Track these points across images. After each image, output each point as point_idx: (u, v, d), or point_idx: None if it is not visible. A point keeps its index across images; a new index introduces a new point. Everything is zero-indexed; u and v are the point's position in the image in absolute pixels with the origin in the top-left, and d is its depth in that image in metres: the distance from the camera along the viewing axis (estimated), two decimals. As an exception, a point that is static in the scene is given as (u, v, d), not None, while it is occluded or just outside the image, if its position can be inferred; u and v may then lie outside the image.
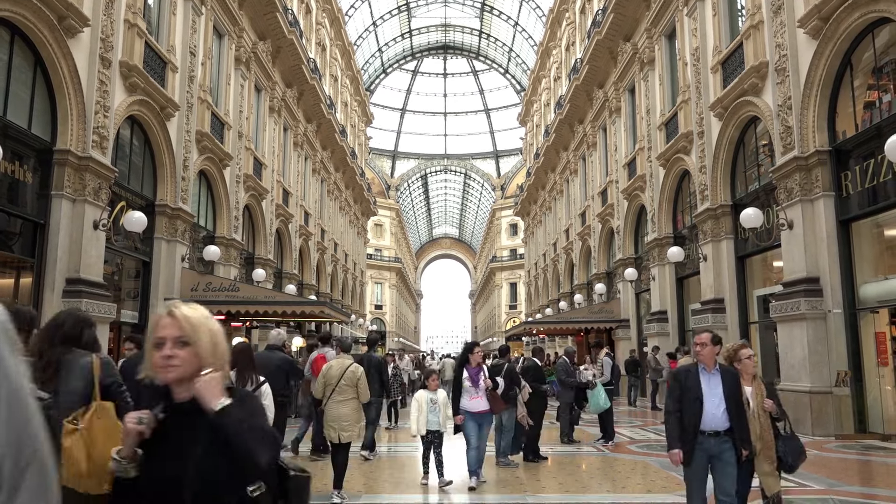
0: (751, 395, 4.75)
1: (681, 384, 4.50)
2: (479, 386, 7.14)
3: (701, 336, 4.67)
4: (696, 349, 4.65)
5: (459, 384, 7.20)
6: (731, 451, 4.37)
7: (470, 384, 7.15)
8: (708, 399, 4.39)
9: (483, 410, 7.20)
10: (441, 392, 7.27)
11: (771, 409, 4.73)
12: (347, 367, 6.62)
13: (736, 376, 4.60)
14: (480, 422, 7.21)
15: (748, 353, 4.91)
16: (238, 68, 19.19)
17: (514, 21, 51.54)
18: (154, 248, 14.44)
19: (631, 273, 20.37)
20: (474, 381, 7.16)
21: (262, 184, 20.79)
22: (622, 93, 22.18)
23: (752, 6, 12.91)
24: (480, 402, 7.17)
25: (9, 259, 10.76)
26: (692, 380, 4.47)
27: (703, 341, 4.60)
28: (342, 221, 37.76)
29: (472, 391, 7.15)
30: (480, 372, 7.24)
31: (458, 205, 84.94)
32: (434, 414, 7.05)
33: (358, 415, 6.66)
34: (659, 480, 7.43)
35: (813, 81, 10.95)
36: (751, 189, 13.96)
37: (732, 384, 4.48)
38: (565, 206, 32.37)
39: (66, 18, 10.68)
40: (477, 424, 7.16)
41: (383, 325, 63.60)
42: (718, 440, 4.36)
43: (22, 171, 10.43)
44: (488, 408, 7.24)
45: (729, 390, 4.42)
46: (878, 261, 10.96)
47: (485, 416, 7.26)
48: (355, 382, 6.54)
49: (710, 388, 4.43)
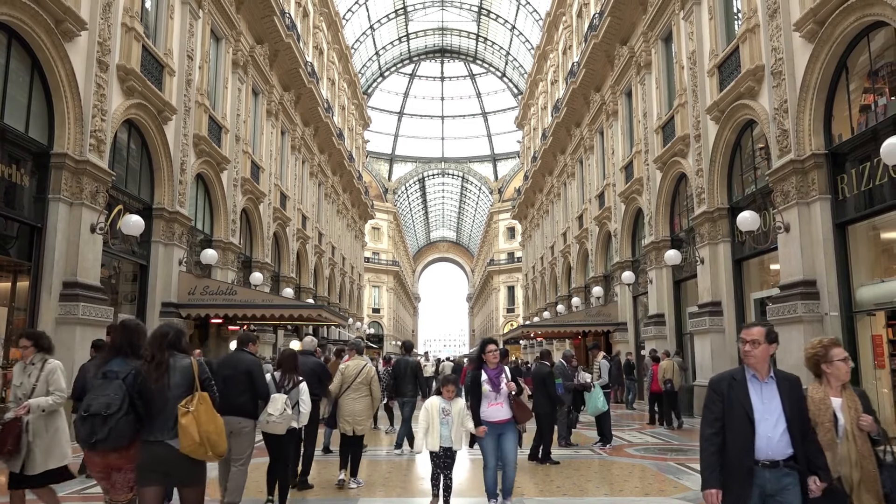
0: (840, 408, 3.56)
1: (722, 398, 3.40)
2: (501, 390, 6.00)
3: (751, 331, 3.48)
4: (744, 349, 3.46)
5: (478, 389, 6.02)
6: (796, 488, 3.27)
7: (490, 388, 6.01)
8: (761, 417, 3.29)
9: (505, 419, 6.02)
10: (459, 401, 6.05)
11: (870, 427, 3.52)
12: (363, 368, 7.37)
13: (798, 384, 3.47)
14: (501, 432, 6.01)
15: (841, 353, 3.69)
16: (235, 72, 19.20)
17: (511, 25, 51.65)
18: (151, 251, 14.43)
19: (628, 276, 20.39)
20: (494, 384, 6.02)
21: (260, 187, 20.79)
22: (619, 96, 22.23)
23: (748, 10, 12.96)
24: (502, 409, 6.02)
25: (6, 262, 10.74)
26: (738, 392, 3.36)
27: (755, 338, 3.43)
28: (340, 225, 37.77)
29: (491, 397, 6.02)
30: (502, 374, 6.09)
31: (455, 208, 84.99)
32: (446, 427, 5.87)
33: (370, 411, 7.33)
34: (656, 483, 7.44)
35: (809, 85, 10.99)
36: (747, 192, 13.99)
37: (795, 395, 3.40)
38: (563, 210, 32.41)
39: (64, 22, 10.68)
40: (496, 438, 5.98)
41: (381, 328, 63.55)
42: (777, 473, 3.25)
43: (19, 174, 10.42)
44: (511, 416, 6.05)
45: (790, 404, 3.34)
46: (874, 263, 10.98)
47: (507, 427, 6.05)
48: (369, 381, 7.31)
49: (763, 401, 3.34)
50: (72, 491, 7.05)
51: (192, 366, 4.01)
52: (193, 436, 3.76)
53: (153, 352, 3.99)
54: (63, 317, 10.72)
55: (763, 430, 3.27)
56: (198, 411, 3.82)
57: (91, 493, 7.01)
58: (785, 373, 3.53)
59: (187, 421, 3.77)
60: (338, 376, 7.41)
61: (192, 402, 3.84)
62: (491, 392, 5.98)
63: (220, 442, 3.93)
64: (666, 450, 10.12)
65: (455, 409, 5.91)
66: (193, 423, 3.77)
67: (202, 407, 3.86)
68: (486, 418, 5.92)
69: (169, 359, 3.97)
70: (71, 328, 10.64)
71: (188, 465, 3.86)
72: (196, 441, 3.77)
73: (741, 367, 3.50)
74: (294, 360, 6.34)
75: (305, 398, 6.16)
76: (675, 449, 10.22)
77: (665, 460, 8.97)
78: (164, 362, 3.94)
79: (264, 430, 5.89)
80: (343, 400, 7.28)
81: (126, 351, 4.06)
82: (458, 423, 5.87)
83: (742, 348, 3.49)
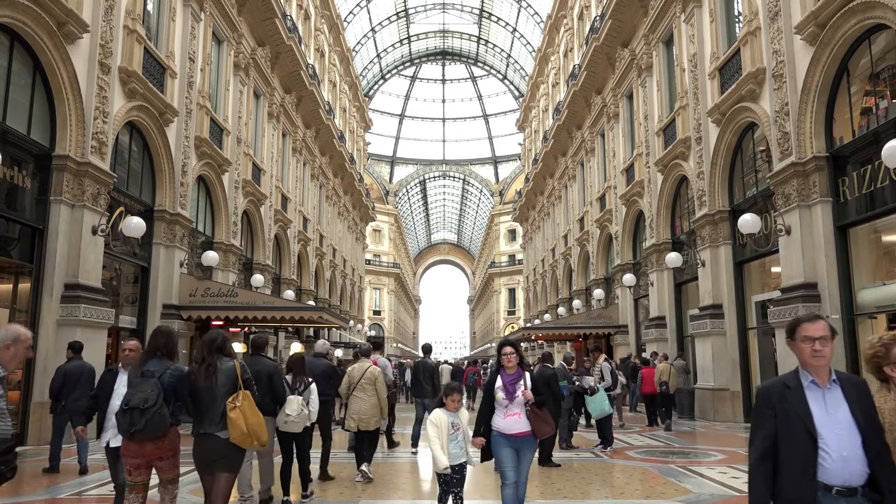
0: None
1: (774, 412, 2.70)
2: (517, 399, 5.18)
3: (816, 325, 2.76)
4: (811, 348, 2.76)
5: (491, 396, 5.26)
6: None
7: (503, 396, 5.18)
8: (828, 431, 2.58)
9: (522, 432, 5.17)
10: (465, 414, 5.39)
11: None
12: (367, 369, 7.80)
13: (867, 389, 2.75)
14: (519, 447, 5.17)
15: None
16: (237, 74, 19.23)
17: (513, 27, 51.71)
18: (153, 253, 14.45)
19: (629, 279, 20.38)
20: (509, 392, 5.18)
21: (261, 189, 20.81)
22: (620, 99, 22.24)
23: (749, 13, 12.97)
24: (518, 420, 5.18)
25: (7, 264, 10.75)
26: (795, 402, 2.67)
27: (824, 333, 2.74)
28: (341, 227, 37.78)
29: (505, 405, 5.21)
30: (520, 381, 5.24)
31: (456, 210, 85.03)
32: (456, 443, 5.19)
33: (375, 409, 7.71)
34: (658, 486, 7.43)
35: (810, 87, 11.00)
36: (748, 195, 13.99)
37: (864, 403, 2.67)
38: (564, 212, 32.41)
39: (66, 24, 10.71)
40: (514, 451, 5.15)
41: (382, 330, 63.52)
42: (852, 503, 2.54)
43: (21, 176, 10.44)
44: (529, 429, 5.18)
45: (862, 414, 2.62)
46: (875, 266, 10.98)
47: (525, 441, 5.21)
48: (373, 382, 7.72)
49: (827, 412, 2.63)
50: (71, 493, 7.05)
51: (236, 367, 4.57)
52: (242, 428, 4.34)
53: (203, 355, 4.58)
54: (64, 318, 10.73)
55: (831, 445, 2.55)
56: (243, 407, 4.39)
57: (90, 496, 7.00)
58: (848, 374, 2.87)
59: (235, 415, 4.34)
60: (346, 378, 7.93)
61: (238, 399, 4.40)
62: (504, 400, 5.18)
63: (263, 433, 4.51)
64: (667, 452, 10.11)
65: (464, 422, 5.30)
66: (241, 417, 4.35)
67: (246, 403, 4.41)
68: (501, 430, 5.18)
69: (216, 361, 4.53)
70: (72, 330, 10.64)
71: (234, 453, 4.48)
72: (244, 432, 4.36)
73: (794, 372, 2.80)
74: (303, 364, 6.77)
75: (314, 398, 6.61)
76: (676, 451, 10.22)
77: (666, 463, 8.96)
78: (212, 364, 4.51)
79: (283, 429, 6.32)
80: (350, 400, 7.77)
81: (161, 353, 4.53)
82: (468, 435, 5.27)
83: (806, 349, 2.74)
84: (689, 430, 13.32)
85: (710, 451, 9.95)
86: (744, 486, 7.24)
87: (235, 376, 4.52)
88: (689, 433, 12.81)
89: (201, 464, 4.52)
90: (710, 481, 7.54)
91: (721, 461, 9.01)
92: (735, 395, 14.10)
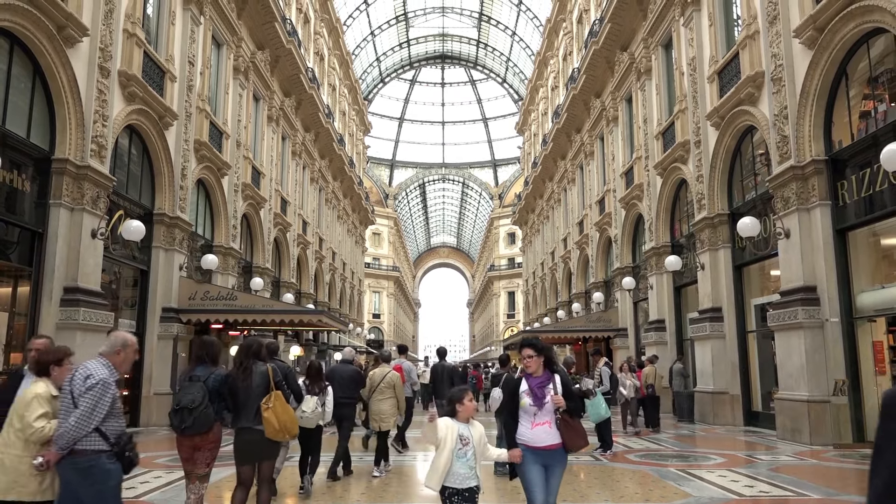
0: None
1: None
2: (546, 405, 4.38)
3: None
4: None
5: (515, 403, 4.48)
6: None
7: (531, 402, 4.40)
8: None
9: (552, 445, 4.36)
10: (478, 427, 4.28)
11: None
12: (387, 374, 8.59)
13: None
14: (548, 462, 4.36)
15: None
16: (237, 77, 19.25)
17: (512, 31, 51.80)
18: (152, 256, 14.44)
19: (629, 282, 20.38)
20: (537, 397, 4.40)
21: (261, 192, 20.82)
22: (619, 102, 22.27)
23: (748, 16, 13.00)
24: (547, 430, 4.37)
25: (6, 268, 10.75)
26: None
27: None
28: (340, 230, 37.79)
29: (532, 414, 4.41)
30: (549, 384, 4.45)
31: (456, 214, 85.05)
32: (464, 461, 4.10)
33: (394, 410, 8.53)
34: (657, 490, 7.42)
35: (809, 91, 11.01)
36: (748, 198, 14.00)
37: None
38: (563, 215, 32.43)
39: (66, 28, 10.72)
40: (542, 468, 4.35)
41: (381, 333, 63.49)
42: None
43: (20, 179, 10.44)
44: (559, 441, 4.37)
45: None
46: (875, 269, 10.98)
47: (555, 456, 4.38)
48: (392, 385, 8.51)
49: None
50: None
51: (269, 371, 5.33)
52: (275, 425, 5.11)
53: (241, 359, 5.33)
54: (64, 322, 10.72)
55: None
56: (275, 406, 5.15)
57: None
58: None
59: (269, 415, 5.10)
60: (368, 382, 8.67)
61: (270, 400, 5.15)
62: (531, 407, 4.37)
63: (293, 427, 5.33)
64: (667, 456, 10.10)
65: (476, 435, 4.20)
66: (273, 416, 5.11)
67: (278, 403, 5.18)
68: (527, 443, 4.35)
69: (252, 365, 5.29)
70: (71, 333, 10.64)
71: (270, 445, 5.25)
72: (277, 428, 5.13)
73: None
74: (320, 372, 7.51)
75: (329, 399, 7.33)
76: (676, 455, 10.20)
77: (666, 466, 8.95)
78: (249, 367, 5.27)
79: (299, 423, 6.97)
80: (371, 401, 8.51)
81: (206, 360, 5.22)
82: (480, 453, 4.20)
83: None
84: (688, 433, 13.30)
85: (710, 455, 9.94)
86: (744, 489, 7.24)
87: (268, 377, 5.27)
88: (688, 436, 12.79)
89: (241, 454, 5.23)
90: (710, 485, 7.53)
91: (721, 465, 9.00)
92: (735, 399, 14.09)
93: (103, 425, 3.81)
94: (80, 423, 3.72)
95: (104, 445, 3.79)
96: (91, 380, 3.80)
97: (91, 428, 3.75)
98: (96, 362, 3.95)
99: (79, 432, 3.73)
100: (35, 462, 3.77)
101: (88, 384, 3.79)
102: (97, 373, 3.85)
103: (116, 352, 4.03)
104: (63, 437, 3.73)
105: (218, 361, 5.32)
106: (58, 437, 3.76)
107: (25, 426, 3.83)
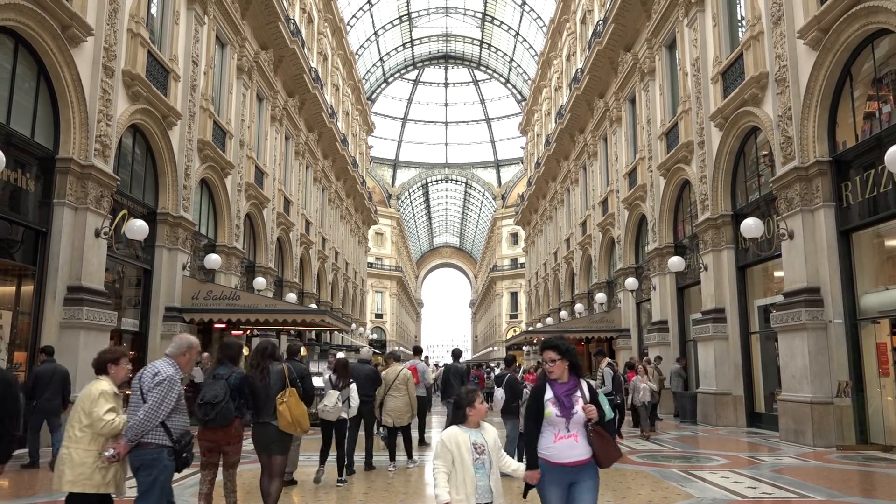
0: None
1: None
2: (575, 416, 3.79)
3: None
4: None
5: (540, 413, 3.85)
6: None
7: (557, 413, 3.80)
8: None
9: (580, 461, 3.78)
10: (491, 431, 3.84)
11: None
12: (400, 372, 9.13)
13: None
14: (575, 480, 3.78)
15: None
16: (240, 77, 19.27)
17: (515, 31, 51.77)
18: (155, 256, 14.46)
19: (631, 283, 20.36)
20: (564, 406, 3.81)
21: (264, 192, 20.84)
22: (623, 103, 22.25)
23: (752, 17, 12.97)
24: (573, 444, 3.78)
25: (10, 267, 10.77)
26: None
27: None
28: (343, 230, 37.81)
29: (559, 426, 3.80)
30: (576, 392, 3.87)
31: (458, 214, 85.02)
32: (483, 472, 3.66)
33: (407, 407, 9.03)
34: (660, 491, 7.41)
35: (813, 92, 10.99)
36: (751, 199, 13.98)
37: None
38: (566, 216, 32.40)
39: (70, 28, 10.74)
40: (562, 487, 3.78)
41: (384, 333, 63.53)
42: None
43: (24, 179, 10.47)
44: (588, 456, 3.80)
45: None
46: (878, 271, 10.96)
47: (584, 472, 3.80)
48: (405, 382, 9.04)
49: None
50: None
51: (284, 370, 5.74)
52: (288, 418, 5.50)
53: (258, 360, 5.73)
54: (67, 321, 10.74)
55: None
56: (289, 402, 5.53)
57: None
58: None
59: (283, 409, 5.49)
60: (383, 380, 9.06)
61: (285, 395, 5.55)
62: (559, 418, 3.78)
63: (305, 422, 5.65)
64: (670, 457, 10.08)
65: (490, 440, 3.76)
66: (287, 410, 5.50)
67: (292, 399, 5.56)
68: (548, 458, 3.77)
69: (268, 365, 5.69)
70: (75, 332, 10.67)
71: (284, 438, 5.66)
72: (290, 422, 5.51)
73: None
74: (347, 368, 8.11)
75: (354, 395, 7.88)
76: (679, 456, 10.19)
77: (669, 467, 8.94)
78: (265, 367, 5.67)
79: (320, 416, 7.59)
80: (386, 399, 8.97)
81: (227, 360, 5.58)
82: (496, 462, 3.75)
83: None
84: (691, 434, 13.28)
85: (713, 456, 9.92)
86: (747, 491, 7.23)
87: (284, 377, 5.67)
88: (691, 437, 12.78)
89: (259, 445, 5.70)
90: (713, 486, 7.52)
91: (724, 466, 8.98)
92: (737, 400, 14.07)
93: (168, 420, 4.19)
94: (149, 416, 4.10)
95: (167, 441, 4.18)
96: (159, 377, 4.23)
97: (158, 421, 4.13)
98: (163, 361, 4.39)
99: (147, 425, 4.10)
100: (106, 454, 4.07)
101: (157, 380, 4.20)
102: (164, 370, 4.28)
103: (182, 353, 4.47)
104: (132, 429, 4.09)
105: (238, 361, 5.68)
106: (127, 430, 4.11)
107: (95, 420, 4.12)
